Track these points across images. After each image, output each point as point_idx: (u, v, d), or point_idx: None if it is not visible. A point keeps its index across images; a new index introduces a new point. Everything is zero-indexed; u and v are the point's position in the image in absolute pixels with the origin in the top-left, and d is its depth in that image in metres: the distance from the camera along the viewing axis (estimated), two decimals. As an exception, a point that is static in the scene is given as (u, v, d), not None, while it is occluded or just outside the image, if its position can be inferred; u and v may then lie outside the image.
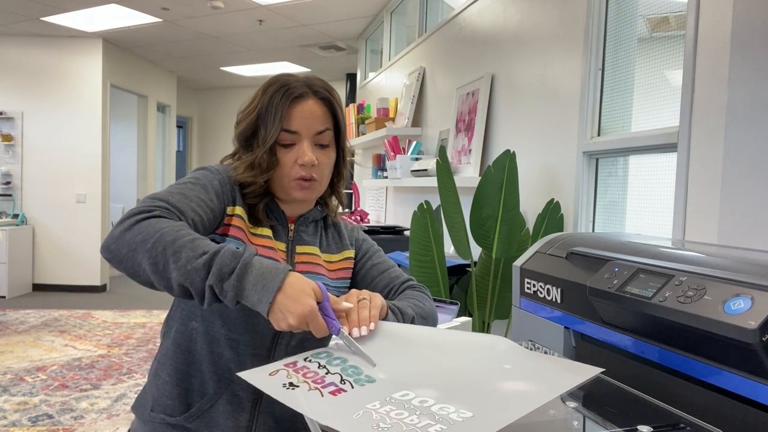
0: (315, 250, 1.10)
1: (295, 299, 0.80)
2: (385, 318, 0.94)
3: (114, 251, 0.85)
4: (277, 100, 1.01)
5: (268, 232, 1.04)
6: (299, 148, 1.02)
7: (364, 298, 0.92)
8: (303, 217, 1.11)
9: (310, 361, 0.82)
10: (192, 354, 1.03)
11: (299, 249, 1.08)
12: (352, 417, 0.66)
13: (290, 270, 0.84)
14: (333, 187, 1.14)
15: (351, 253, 1.15)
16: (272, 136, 1.00)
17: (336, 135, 1.08)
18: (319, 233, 1.13)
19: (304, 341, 1.04)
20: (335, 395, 0.72)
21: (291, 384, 0.75)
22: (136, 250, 0.83)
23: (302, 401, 0.71)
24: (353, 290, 0.96)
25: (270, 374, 0.78)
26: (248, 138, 1.04)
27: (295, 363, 0.81)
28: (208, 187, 0.99)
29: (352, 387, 0.74)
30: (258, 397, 1.03)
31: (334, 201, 1.17)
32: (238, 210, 1.01)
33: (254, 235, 1.03)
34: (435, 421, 0.63)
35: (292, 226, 1.09)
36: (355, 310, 0.89)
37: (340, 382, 0.75)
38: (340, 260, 1.13)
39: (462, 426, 0.62)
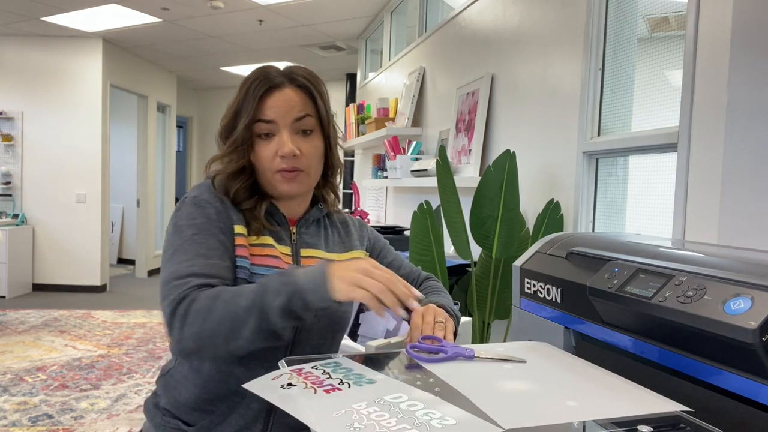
0: (320, 253, 1.08)
1: (349, 264, 0.86)
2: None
3: (187, 349, 0.89)
4: (252, 91, 0.99)
5: (269, 240, 1.02)
6: (278, 139, 1.00)
7: (440, 321, 0.97)
8: (303, 218, 1.09)
9: (315, 368, 0.82)
10: (200, 373, 1.01)
11: (303, 252, 1.06)
12: (331, 415, 0.65)
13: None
14: (326, 179, 1.11)
15: (361, 253, 1.14)
16: (243, 125, 0.99)
17: (320, 122, 1.04)
18: (322, 233, 1.12)
19: (318, 351, 1.04)
20: (329, 393, 0.72)
21: (289, 384, 0.75)
22: (203, 338, 0.86)
23: (292, 399, 0.70)
24: (429, 305, 1.00)
25: (273, 379, 0.78)
26: (229, 135, 1.02)
27: (300, 369, 0.81)
28: (211, 229, 0.96)
29: (349, 387, 0.74)
30: (272, 406, 1.02)
31: (330, 195, 1.14)
32: (238, 228, 0.99)
33: (254, 245, 1.00)
34: (412, 426, 0.61)
35: (294, 229, 1.07)
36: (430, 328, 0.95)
37: (339, 384, 0.75)
38: (347, 260, 1.12)
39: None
